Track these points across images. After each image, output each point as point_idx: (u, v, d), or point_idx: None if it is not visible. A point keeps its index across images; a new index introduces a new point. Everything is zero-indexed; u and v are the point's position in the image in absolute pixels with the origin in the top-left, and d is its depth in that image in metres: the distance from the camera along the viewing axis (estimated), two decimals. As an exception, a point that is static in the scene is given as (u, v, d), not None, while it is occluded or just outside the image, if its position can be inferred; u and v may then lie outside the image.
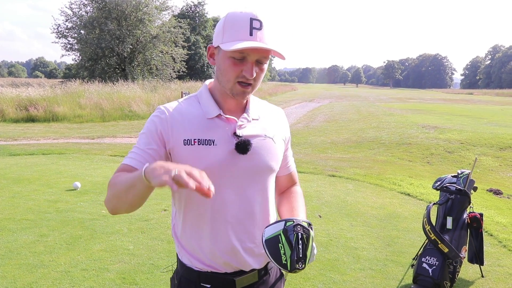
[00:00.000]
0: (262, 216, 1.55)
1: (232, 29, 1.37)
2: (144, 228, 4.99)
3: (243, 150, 1.44)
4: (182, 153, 1.43)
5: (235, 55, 1.37)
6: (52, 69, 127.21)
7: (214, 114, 1.46)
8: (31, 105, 18.09)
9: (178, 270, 1.60)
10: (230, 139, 1.45)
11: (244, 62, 1.38)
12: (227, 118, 1.46)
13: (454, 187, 3.95)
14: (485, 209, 6.07)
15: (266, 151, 1.51)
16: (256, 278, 1.57)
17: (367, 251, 4.55)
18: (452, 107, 27.53)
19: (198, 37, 48.07)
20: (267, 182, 1.55)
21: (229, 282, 1.52)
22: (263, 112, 1.58)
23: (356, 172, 8.47)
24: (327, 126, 17.29)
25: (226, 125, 1.46)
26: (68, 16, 33.58)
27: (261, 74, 1.43)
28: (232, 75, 1.40)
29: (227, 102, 1.50)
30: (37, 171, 7.72)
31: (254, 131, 1.50)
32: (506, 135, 12.03)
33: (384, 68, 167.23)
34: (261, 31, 1.36)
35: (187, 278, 1.55)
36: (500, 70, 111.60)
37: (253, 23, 1.35)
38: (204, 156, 1.42)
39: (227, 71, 1.40)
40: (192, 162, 1.39)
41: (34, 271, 3.84)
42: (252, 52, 1.37)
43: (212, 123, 1.46)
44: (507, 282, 3.97)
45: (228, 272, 1.52)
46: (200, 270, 1.52)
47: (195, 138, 1.42)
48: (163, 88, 27.70)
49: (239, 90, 1.42)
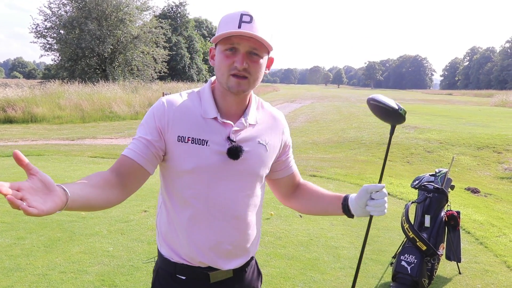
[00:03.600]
0: (245, 220, 1.56)
1: (224, 26, 1.41)
2: (124, 229, 4.94)
3: (234, 156, 1.46)
4: (174, 149, 1.45)
5: (226, 47, 1.41)
6: (31, 69, 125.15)
7: (212, 115, 1.48)
8: (9, 106, 17.75)
9: (157, 261, 1.64)
10: (223, 142, 1.46)
11: (236, 54, 1.41)
12: (223, 122, 1.48)
13: (432, 186, 4.01)
14: (462, 207, 6.18)
15: (257, 158, 1.54)
16: (231, 274, 1.59)
17: (347, 250, 4.59)
18: (432, 108, 27.92)
19: (179, 38, 47.83)
20: (254, 188, 1.57)
21: (204, 276, 1.55)
22: (261, 117, 1.59)
23: (337, 172, 8.53)
24: (308, 126, 17.38)
25: (222, 128, 1.48)
26: (47, 15, 33.12)
27: (255, 67, 1.44)
28: (225, 68, 1.42)
29: (227, 101, 1.51)
30: (14, 173, 7.57)
31: (248, 137, 1.52)
32: (484, 135, 12.25)
33: (365, 69, 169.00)
34: (251, 24, 1.39)
35: (164, 269, 1.59)
36: (478, 71, 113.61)
37: (243, 17, 1.39)
38: (195, 155, 1.44)
39: (220, 64, 1.44)
40: (182, 159, 1.44)
41: (10, 274, 3.76)
42: (242, 42, 1.39)
43: (208, 124, 1.47)
44: (483, 278, 4.04)
45: (202, 266, 1.55)
46: (176, 262, 1.55)
47: (189, 136, 1.44)
48: (144, 89, 27.47)
49: (233, 82, 1.43)
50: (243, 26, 1.37)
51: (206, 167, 1.45)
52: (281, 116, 1.69)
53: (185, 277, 1.55)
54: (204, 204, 1.48)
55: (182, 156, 1.44)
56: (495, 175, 9.42)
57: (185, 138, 1.44)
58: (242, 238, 1.57)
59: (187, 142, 1.44)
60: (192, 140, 1.44)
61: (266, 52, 1.47)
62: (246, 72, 1.42)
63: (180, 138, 1.44)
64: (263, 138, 1.56)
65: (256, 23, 1.39)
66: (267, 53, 1.48)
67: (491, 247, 4.80)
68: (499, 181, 9.01)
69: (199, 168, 1.45)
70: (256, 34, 1.38)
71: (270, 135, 1.59)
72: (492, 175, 9.40)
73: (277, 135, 1.62)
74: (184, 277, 1.55)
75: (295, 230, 5.10)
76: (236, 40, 1.39)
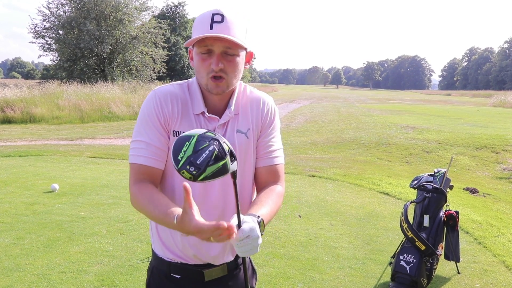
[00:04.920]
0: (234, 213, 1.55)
1: (197, 27, 1.42)
2: (124, 229, 4.95)
3: None
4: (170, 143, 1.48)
5: (201, 50, 1.42)
6: (29, 69, 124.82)
7: (199, 110, 1.50)
8: (8, 106, 17.71)
9: (152, 261, 1.64)
10: None
11: (211, 55, 1.42)
12: (209, 116, 1.51)
13: (430, 186, 4.02)
14: (461, 207, 6.18)
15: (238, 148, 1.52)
16: (226, 271, 1.61)
17: (346, 250, 4.60)
18: (431, 108, 27.95)
19: (178, 38, 47.80)
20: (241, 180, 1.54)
21: (198, 274, 1.56)
22: (244, 105, 1.58)
23: (335, 172, 8.54)
24: (307, 126, 17.38)
25: (208, 123, 1.51)
26: (45, 16, 33.03)
27: (231, 66, 1.44)
28: (203, 70, 1.44)
29: (211, 97, 1.53)
30: (13, 173, 7.58)
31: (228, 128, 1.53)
32: (482, 135, 12.27)
33: (364, 70, 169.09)
34: (222, 24, 1.39)
35: (158, 269, 1.60)
36: (477, 71, 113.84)
37: (214, 17, 1.40)
38: None
39: (199, 67, 1.46)
40: None
41: (9, 274, 3.77)
42: (215, 43, 1.40)
43: (197, 119, 1.51)
44: (482, 278, 4.05)
45: (197, 264, 1.56)
46: (171, 261, 1.56)
47: (182, 131, 1.47)
48: (143, 89, 27.42)
49: (212, 84, 1.45)
50: (214, 27, 1.38)
51: None
52: (268, 98, 1.63)
53: (179, 276, 1.56)
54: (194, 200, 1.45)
55: None
56: (493, 175, 9.44)
57: (179, 133, 1.47)
58: None
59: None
60: None
61: (243, 49, 1.47)
62: (223, 72, 1.43)
63: (175, 133, 1.48)
64: (243, 126, 1.55)
65: (228, 22, 1.40)
66: (244, 50, 1.48)
67: (489, 247, 4.81)
68: (498, 181, 9.03)
69: None
70: (228, 33, 1.38)
71: (251, 120, 1.57)
72: (490, 175, 9.42)
73: (258, 118, 1.59)
74: (179, 276, 1.56)
75: (294, 230, 5.11)
76: (210, 42, 1.40)
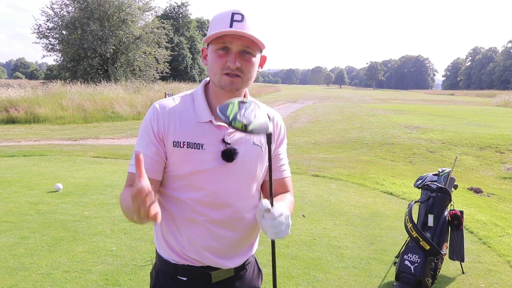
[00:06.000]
0: (243, 221, 1.57)
1: (215, 25, 1.41)
2: (127, 229, 4.95)
3: (229, 158, 1.47)
4: (171, 154, 1.46)
5: (219, 46, 1.41)
6: (33, 70, 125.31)
7: (206, 119, 1.48)
8: (12, 106, 17.78)
9: (156, 263, 1.62)
10: (219, 145, 1.47)
11: (228, 53, 1.42)
12: (217, 125, 1.49)
13: (435, 185, 4.01)
14: (465, 207, 6.16)
15: (252, 159, 1.54)
16: (232, 273, 1.60)
17: (351, 249, 4.59)
18: (434, 108, 27.88)
19: (181, 38, 47.88)
20: (251, 189, 1.57)
21: (205, 276, 1.55)
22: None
23: (339, 172, 8.52)
24: (310, 126, 17.36)
25: (216, 131, 1.49)
26: (49, 16, 33.16)
27: (248, 65, 1.45)
28: (218, 67, 1.43)
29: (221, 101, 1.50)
30: (17, 173, 7.60)
31: (243, 139, 1.52)
32: (486, 135, 12.23)
33: (367, 69, 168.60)
34: (242, 23, 1.39)
35: (164, 271, 1.58)
36: (480, 71, 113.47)
37: (234, 16, 1.40)
38: (191, 159, 1.45)
39: (213, 64, 1.44)
40: (179, 164, 1.46)
41: (14, 273, 3.78)
42: (234, 41, 1.40)
43: (203, 127, 1.48)
44: (487, 278, 4.04)
45: (204, 265, 1.55)
46: (177, 263, 1.55)
47: (185, 141, 1.45)
48: (146, 89, 27.52)
49: (226, 80, 1.44)
50: (234, 25, 1.38)
51: (202, 170, 1.46)
52: (277, 115, 1.67)
53: (186, 278, 1.55)
54: (202, 206, 1.49)
55: (179, 161, 1.46)
56: (497, 175, 9.40)
57: (180, 143, 1.45)
58: (240, 238, 1.57)
59: (182, 147, 1.45)
60: (188, 145, 1.45)
61: (259, 51, 1.48)
62: (239, 71, 1.43)
63: (175, 143, 1.45)
64: (257, 139, 1.56)
65: (247, 22, 1.40)
66: (260, 52, 1.49)
67: (494, 246, 4.79)
68: (502, 181, 9.00)
69: (196, 172, 1.46)
70: (248, 32, 1.38)
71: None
72: (494, 175, 9.39)
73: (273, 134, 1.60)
74: (185, 278, 1.55)
75: (298, 229, 5.10)
76: (228, 39, 1.40)
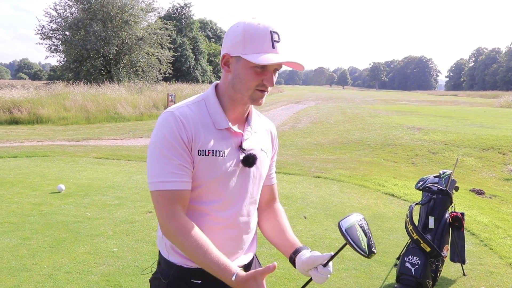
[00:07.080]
0: (251, 222, 1.65)
1: (255, 41, 1.43)
2: (129, 230, 4.97)
3: (250, 164, 1.54)
4: (196, 163, 1.48)
5: (258, 65, 1.44)
6: (36, 70, 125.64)
7: (224, 126, 1.51)
8: (15, 107, 17.84)
9: (164, 269, 1.62)
10: (236, 151, 1.53)
11: (265, 72, 1.46)
12: (234, 131, 1.53)
13: (436, 187, 4.01)
14: (467, 209, 6.16)
15: (262, 164, 1.63)
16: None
17: (351, 251, 4.56)
18: (437, 109, 27.83)
19: (184, 39, 47.91)
20: (259, 192, 1.67)
21: None
22: (259, 125, 1.67)
23: (341, 173, 8.52)
24: (313, 127, 17.37)
25: (233, 137, 1.54)
26: (52, 17, 33.30)
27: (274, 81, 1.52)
28: (253, 84, 1.47)
29: (237, 110, 1.56)
30: (20, 174, 7.63)
31: (254, 145, 1.59)
32: (489, 136, 12.21)
33: (370, 70, 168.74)
34: (280, 43, 1.45)
35: (176, 277, 1.58)
36: (484, 72, 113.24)
37: (273, 36, 1.43)
38: (214, 167, 1.49)
39: (248, 80, 1.47)
40: (202, 172, 1.49)
41: (16, 274, 3.80)
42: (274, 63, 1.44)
43: (222, 134, 1.52)
44: (488, 280, 4.03)
45: None
46: (190, 267, 1.56)
47: (209, 149, 1.48)
48: (149, 90, 27.58)
49: (258, 95, 1.50)
50: (275, 46, 1.43)
51: (223, 177, 1.51)
52: (273, 126, 1.79)
53: (200, 281, 1.56)
54: (218, 211, 1.53)
55: (203, 169, 1.48)
56: (500, 176, 9.39)
57: (205, 151, 1.47)
58: (249, 238, 1.66)
59: (207, 155, 1.47)
60: (212, 153, 1.48)
61: None
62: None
63: (200, 151, 1.47)
64: (264, 145, 1.65)
65: (283, 41, 1.45)
66: None
67: (496, 248, 4.78)
68: (504, 183, 8.98)
69: (217, 178, 1.50)
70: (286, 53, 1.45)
71: (267, 142, 1.69)
72: (497, 177, 9.38)
73: (271, 142, 1.72)
74: (200, 281, 1.56)
75: (299, 231, 5.11)
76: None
